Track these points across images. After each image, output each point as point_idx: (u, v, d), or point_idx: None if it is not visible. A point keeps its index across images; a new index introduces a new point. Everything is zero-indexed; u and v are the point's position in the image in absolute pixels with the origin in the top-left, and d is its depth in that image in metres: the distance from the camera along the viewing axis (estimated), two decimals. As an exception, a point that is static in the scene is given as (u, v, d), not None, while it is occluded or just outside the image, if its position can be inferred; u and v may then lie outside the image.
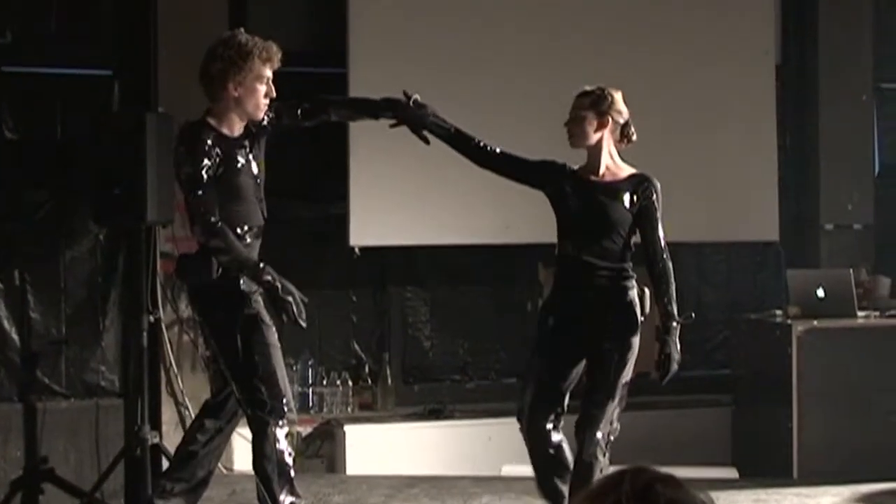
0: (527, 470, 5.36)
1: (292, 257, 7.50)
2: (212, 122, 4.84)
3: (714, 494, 1.51)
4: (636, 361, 5.06)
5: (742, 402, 7.66)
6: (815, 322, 7.02)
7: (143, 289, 6.71)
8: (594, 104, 4.99)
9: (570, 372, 5.00)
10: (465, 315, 7.84)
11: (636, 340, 4.98)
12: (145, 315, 6.62)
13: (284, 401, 4.74)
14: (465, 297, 7.86)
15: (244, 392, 4.79)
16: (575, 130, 5.01)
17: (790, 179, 8.28)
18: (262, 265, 4.67)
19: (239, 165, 4.82)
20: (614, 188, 5.01)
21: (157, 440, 6.62)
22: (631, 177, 5.05)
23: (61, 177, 6.98)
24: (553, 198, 5.07)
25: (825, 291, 7.15)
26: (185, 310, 7.07)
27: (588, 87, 5.06)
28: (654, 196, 5.01)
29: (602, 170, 5.03)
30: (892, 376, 7.01)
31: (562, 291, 5.09)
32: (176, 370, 7.00)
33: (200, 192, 4.72)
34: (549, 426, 4.98)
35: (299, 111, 5.06)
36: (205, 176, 4.70)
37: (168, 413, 7.01)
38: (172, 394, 7.01)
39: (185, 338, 7.05)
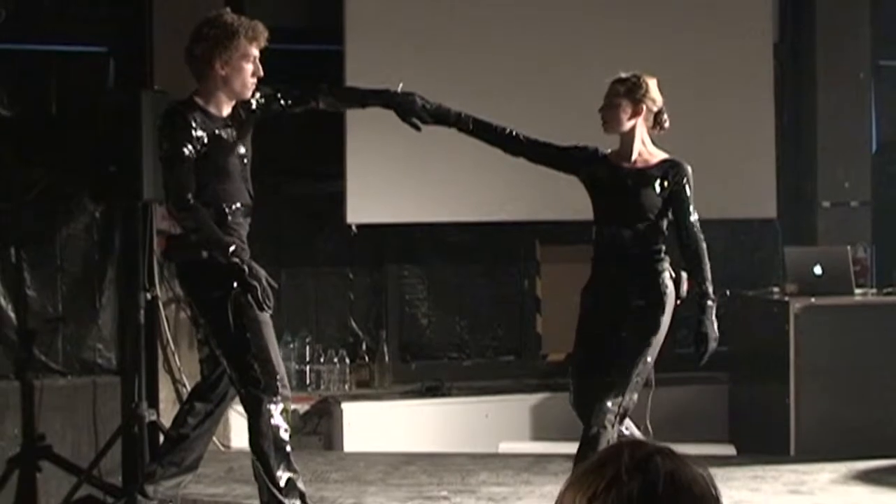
0: (524, 446, 5.37)
1: (289, 235, 7.52)
2: (199, 101, 4.83)
3: (711, 471, 1.51)
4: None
5: (739, 379, 7.67)
6: (813, 299, 7.02)
7: (139, 266, 6.71)
8: (629, 92, 5.06)
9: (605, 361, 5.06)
10: (462, 293, 7.84)
11: (664, 321, 5.10)
12: (142, 292, 6.62)
13: (278, 377, 4.73)
14: (462, 274, 7.86)
15: (237, 370, 4.79)
16: (609, 117, 5.08)
17: (788, 157, 8.27)
18: (232, 247, 4.63)
19: (225, 144, 4.81)
20: (646, 174, 5.10)
21: (154, 417, 6.62)
22: (662, 162, 5.14)
23: (57, 154, 6.96)
24: (587, 183, 5.19)
25: (822, 269, 7.15)
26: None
27: (624, 74, 5.14)
28: (685, 181, 5.10)
29: (634, 156, 5.12)
30: (888, 353, 7.01)
31: (597, 275, 5.23)
32: (173, 347, 6.99)
33: (175, 170, 4.70)
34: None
35: (289, 99, 5.06)
36: (184, 153, 4.67)
37: (165, 390, 7.00)
38: (170, 371, 7.01)
39: (182, 315, 7.04)
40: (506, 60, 7.37)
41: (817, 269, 7.15)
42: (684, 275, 5.15)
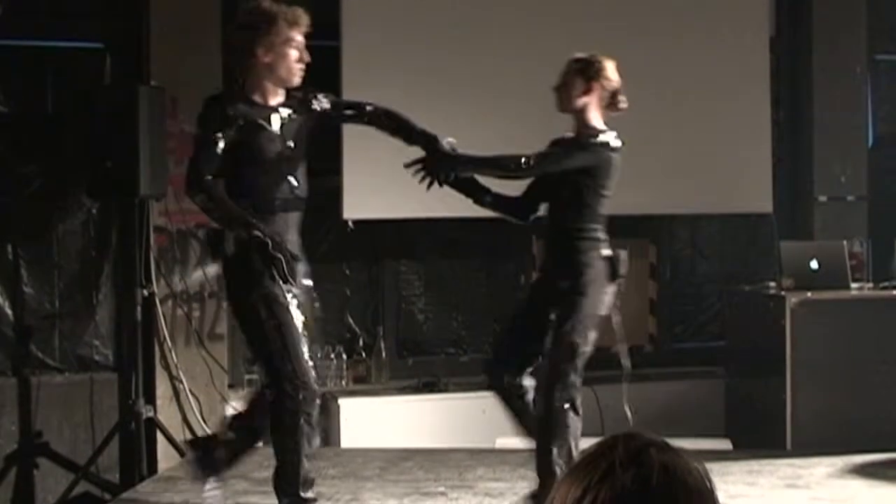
0: (521, 442, 5.37)
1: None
2: (244, 91, 4.80)
3: (708, 466, 1.51)
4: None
5: (736, 373, 7.67)
6: (809, 294, 7.02)
7: (136, 263, 6.72)
8: (582, 71, 5.05)
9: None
10: (458, 288, 7.85)
11: (585, 303, 4.98)
12: (139, 289, 6.64)
13: (299, 380, 4.70)
14: (458, 270, 7.86)
15: (261, 369, 4.88)
16: (561, 95, 5.05)
17: (784, 151, 8.28)
18: (251, 220, 4.57)
19: (265, 134, 4.75)
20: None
21: (151, 414, 6.64)
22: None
23: (53, 151, 6.96)
24: None
25: (819, 263, 7.15)
26: (179, 283, 7.06)
27: (580, 54, 5.09)
28: (573, 143, 5.05)
29: (575, 134, 5.06)
30: (885, 348, 7.02)
31: (542, 255, 5.24)
32: (170, 344, 6.99)
33: (195, 153, 4.69)
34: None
35: (349, 111, 5.08)
36: (209, 138, 4.64)
37: (162, 387, 7.00)
38: (167, 367, 7.00)
39: (179, 311, 7.04)
40: (501, 58, 7.37)
41: (814, 264, 7.16)
42: (622, 253, 5.09)
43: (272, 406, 4.77)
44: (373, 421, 7.00)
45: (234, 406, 7.04)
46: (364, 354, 7.55)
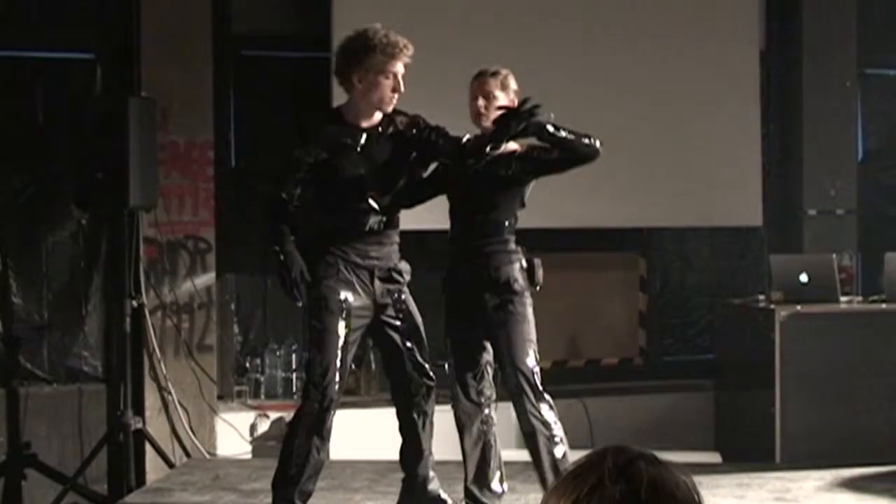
0: (510, 454, 5.37)
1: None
2: (341, 110, 4.96)
3: (697, 479, 1.51)
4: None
5: (725, 386, 7.68)
6: (798, 307, 7.03)
7: (125, 274, 6.71)
8: (504, 86, 5.02)
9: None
10: (448, 300, 7.82)
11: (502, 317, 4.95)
12: (128, 300, 6.63)
13: (322, 388, 4.80)
14: (448, 282, 7.84)
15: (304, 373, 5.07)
16: (488, 110, 4.94)
17: (774, 165, 8.30)
18: (282, 236, 4.83)
19: (349, 152, 4.86)
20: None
21: (140, 425, 6.62)
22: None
23: (43, 161, 6.95)
24: None
25: (808, 276, 7.17)
26: (168, 295, 7.05)
27: (492, 68, 5.06)
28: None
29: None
30: (874, 361, 7.03)
31: None
32: (159, 355, 6.98)
33: (280, 172, 4.91)
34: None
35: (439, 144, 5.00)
36: (293, 154, 4.85)
37: (151, 398, 6.99)
38: (156, 379, 6.99)
39: (169, 323, 7.03)
40: (491, 63, 7.36)
41: (803, 277, 7.17)
42: (536, 262, 5.06)
43: (297, 412, 4.94)
44: (362, 433, 6.98)
45: (221, 418, 7.04)
46: (353, 366, 7.53)
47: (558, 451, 4.87)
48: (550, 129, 4.80)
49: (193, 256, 7.10)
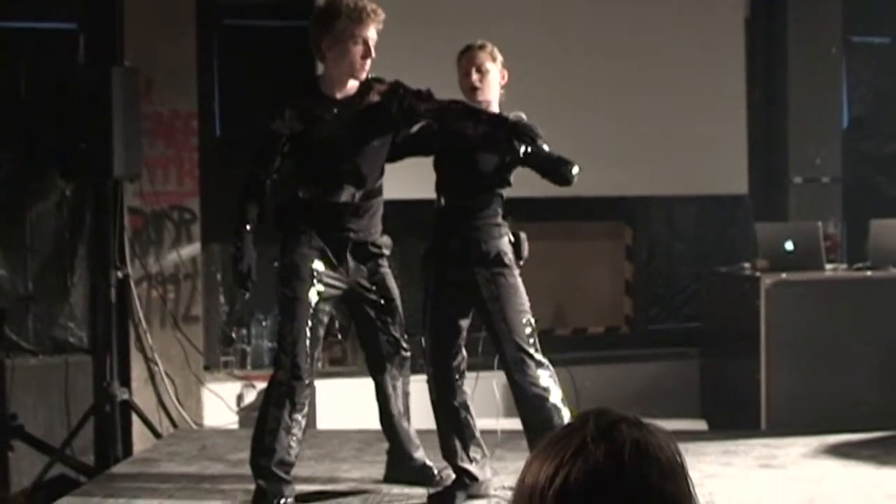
0: (496, 423, 5.38)
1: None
2: (315, 82, 4.94)
3: (683, 446, 1.51)
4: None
5: (711, 354, 7.71)
6: (784, 275, 7.05)
7: (110, 244, 6.69)
8: (494, 58, 4.98)
9: None
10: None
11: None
12: (113, 271, 6.61)
13: (293, 356, 4.78)
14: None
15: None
16: (484, 84, 4.90)
17: (759, 133, 8.29)
18: (241, 228, 4.83)
19: (325, 121, 4.83)
20: None
21: (126, 396, 6.62)
22: None
23: (26, 132, 6.92)
24: None
25: (793, 244, 7.18)
26: (154, 265, 7.04)
27: (479, 42, 5.01)
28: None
29: None
30: (858, 328, 7.06)
31: None
32: (145, 326, 6.97)
33: (257, 148, 4.92)
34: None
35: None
36: (270, 129, 4.84)
37: (137, 369, 6.98)
38: (142, 349, 6.98)
39: (154, 293, 7.01)
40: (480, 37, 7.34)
41: (788, 245, 7.18)
42: (523, 235, 5.05)
43: (269, 381, 4.91)
44: (349, 402, 6.99)
45: (208, 388, 7.04)
46: (340, 336, 7.54)
47: (557, 418, 4.88)
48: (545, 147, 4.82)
49: (178, 227, 7.08)
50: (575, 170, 4.87)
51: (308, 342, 4.81)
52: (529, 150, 4.80)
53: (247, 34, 7.67)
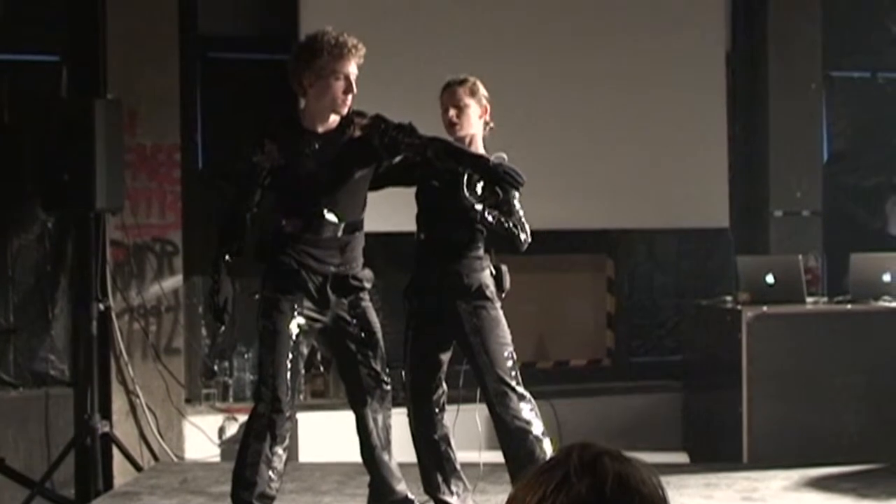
0: (478, 456, 5.37)
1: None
2: (297, 116, 4.92)
3: (665, 479, 1.52)
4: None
5: (692, 387, 7.71)
6: (765, 308, 7.07)
7: (92, 277, 6.68)
8: (473, 93, 4.99)
9: None
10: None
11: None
12: (95, 303, 6.59)
13: (273, 388, 4.75)
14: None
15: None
16: (462, 119, 4.93)
17: (740, 166, 8.34)
18: (219, 261, 4.82)
19: (304, 159, 4.82)
20: None
21: (107, 429, 6.59)
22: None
23: (8, 163, 6.91)
24: None
25: (774, 277, 7.21)
26: (135, 298, 7.02)
27: (460, 76, 5.03)
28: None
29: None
30: (839, 362, 7.08)
31: None
32: (126, 358, 6.95)
33: (242, 182, 4.89)
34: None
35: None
36: (255, 164, 4.81)
37: (119, 402, 6.96)
38: (123, 382, 6.96)
39: (136, 326, 7.00)
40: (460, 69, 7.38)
41: (769, 278, 7.21)
42: (504, 268, 5.07)
43: (250, 414, 4.89)
44: (331, 435, 6.98)
45: (189, 421, 7.02)
46: (322, 368, 7.53)
47: (539, 451, 4.88)
48: (516, 202, 4.85)
49: (160, 259, 7.08)
50: (526, 241, 4.89)
51: (289, 375, 4.80)
52: (502, 196, 4.82)
53: (230, 67, 7.69)
